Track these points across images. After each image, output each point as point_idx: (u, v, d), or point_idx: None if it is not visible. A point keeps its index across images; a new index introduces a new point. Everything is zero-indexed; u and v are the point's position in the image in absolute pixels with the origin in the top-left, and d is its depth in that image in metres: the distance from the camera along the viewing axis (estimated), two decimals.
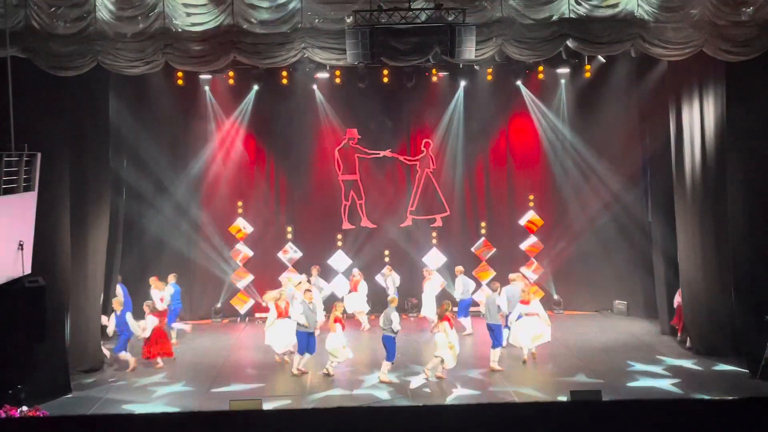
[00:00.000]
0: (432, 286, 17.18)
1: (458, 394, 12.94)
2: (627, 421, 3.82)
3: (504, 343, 14.46)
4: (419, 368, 13.91)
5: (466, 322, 16.38)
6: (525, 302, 14.54)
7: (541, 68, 17.24)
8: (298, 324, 13.88)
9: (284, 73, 16.93)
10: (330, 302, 15.84)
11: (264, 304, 15.72)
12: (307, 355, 13.87)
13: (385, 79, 17.40)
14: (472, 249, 18.48)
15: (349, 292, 17.35)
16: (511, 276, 15.68)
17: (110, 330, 14.59)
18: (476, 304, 17.07)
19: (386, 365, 13.48)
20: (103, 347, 14.65)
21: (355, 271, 17.54)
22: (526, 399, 12.76)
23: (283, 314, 14.28)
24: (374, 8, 12.75)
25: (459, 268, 17.03)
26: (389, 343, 13.48)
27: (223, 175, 18.15)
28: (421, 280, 17.62)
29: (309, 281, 16.34)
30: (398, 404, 12.06)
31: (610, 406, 4.39)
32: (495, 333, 14.11)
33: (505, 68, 17.14)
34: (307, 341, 13.87)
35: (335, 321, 13.62)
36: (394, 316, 13.53)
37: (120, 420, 3.78)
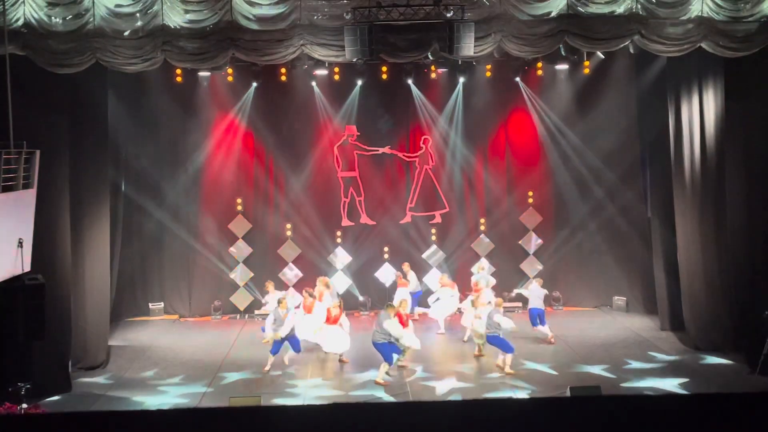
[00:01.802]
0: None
1: (456, 391, 12.95)
2: (626, 416, 3.82)
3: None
4: (422, 365, 13.97)
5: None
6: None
7: (539, 64, 17.25)
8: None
9: (283, 70, 16.92)
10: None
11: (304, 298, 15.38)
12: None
13: (384, 76, 17.40)
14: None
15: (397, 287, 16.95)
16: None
17: None
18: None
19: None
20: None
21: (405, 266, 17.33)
22: (525, 395, 12.77)
23: (331, 320, 14.20)
24: (373, 5, 12.75)
25: (407, 264, 17.09)
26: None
27: (222, 172, 18.13)
28: (420, 275, 17.68)
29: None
30: (397, 401, 12.07)
31: (609, 402, 4.40)
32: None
33: (503, 64, 17.13)
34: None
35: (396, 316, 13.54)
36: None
37: (119, 416, 3.78)
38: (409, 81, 17.81)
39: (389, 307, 13.73)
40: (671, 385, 12.95)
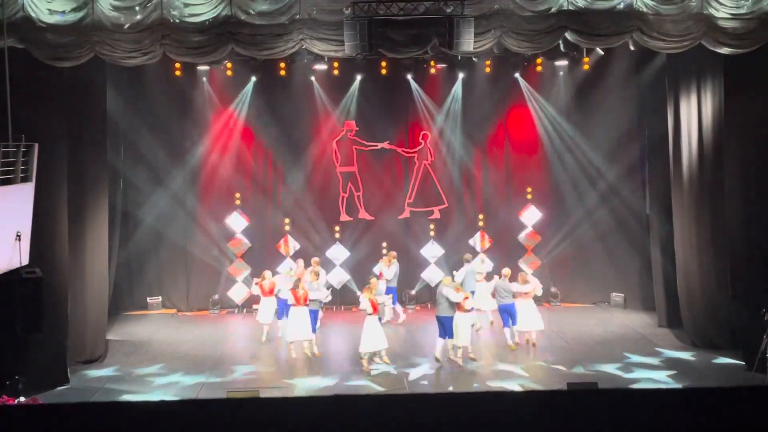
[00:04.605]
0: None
1: (451, 384, 12.98)
2: (623, 410, 3.83)
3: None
4: (420, 360, 14.01)
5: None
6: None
7: (539, 60, 17.22)
8: None
9: (282, 65, 16.90)
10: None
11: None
12: None
13: (384, 71, 17.38)
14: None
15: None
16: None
17: None
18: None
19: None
20: None
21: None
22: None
23: (300, 302, 14.25)
24: None
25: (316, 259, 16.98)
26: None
27: (220, 167, 18.13)
28: (418, 270, 17.74)
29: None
30: (393, 393, 12.08)
31: (605, 395, 4.41)
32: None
33: (503, 60, 17.12)
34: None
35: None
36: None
37: (116, 408, 3.78)
38: (409, 76, 17.81)
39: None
40: (667, 381, 12.96)
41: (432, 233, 18.60)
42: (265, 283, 15.59)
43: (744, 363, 13.41)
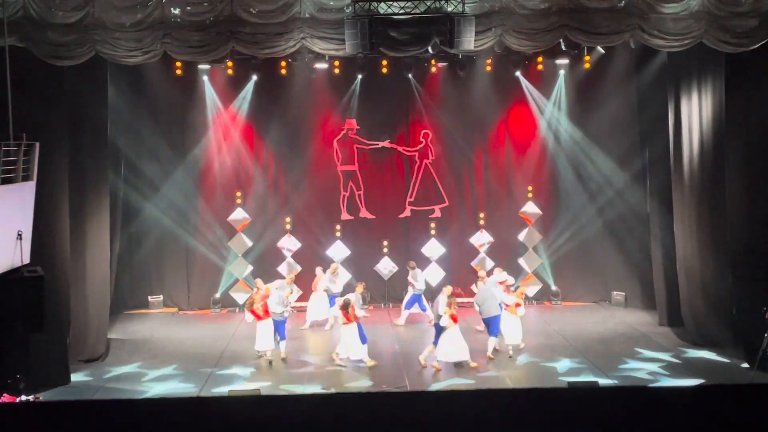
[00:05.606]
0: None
1: (452, 384, 12.98)
2: (624, 408, 3.83)
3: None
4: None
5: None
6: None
7: (540, 59, 17.21)
8: None
9: (283, 63, 16.90)
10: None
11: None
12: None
13: (384, 70, 17.37)
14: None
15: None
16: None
17: None
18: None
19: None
20: None
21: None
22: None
23: (351, 319, 13.74)
24: None
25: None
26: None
27: (221, 166, 18.14)
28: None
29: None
30: (395, 391, 12.09)
31: (606, 393, 4.41)
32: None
33: (504, 59, 17.11)
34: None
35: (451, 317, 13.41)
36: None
37: (118, 405, 3.78)
38: (409, 75, 17.81)
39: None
40: (668, 380, 12.96)
41: (433, 232, 18.60)
42: (258, 306, 14.23)
43: (745, 362, 13.41)
